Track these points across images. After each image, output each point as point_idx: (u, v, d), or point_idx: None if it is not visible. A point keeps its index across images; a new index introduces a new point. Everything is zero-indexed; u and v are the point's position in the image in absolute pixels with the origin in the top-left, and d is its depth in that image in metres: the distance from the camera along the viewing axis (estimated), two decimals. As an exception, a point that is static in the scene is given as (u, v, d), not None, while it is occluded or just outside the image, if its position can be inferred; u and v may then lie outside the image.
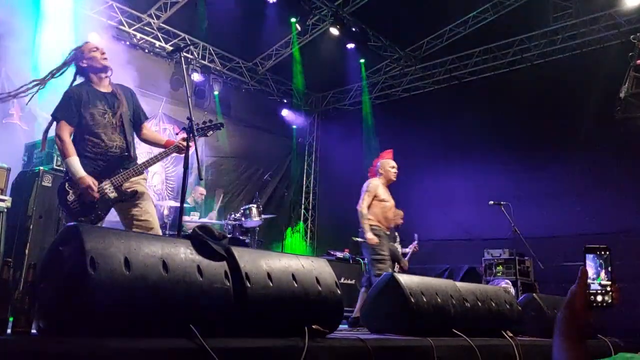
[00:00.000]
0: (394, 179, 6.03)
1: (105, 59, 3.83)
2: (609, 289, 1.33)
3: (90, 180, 3.49)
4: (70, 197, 3.55)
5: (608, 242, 1.41)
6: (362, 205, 5.78)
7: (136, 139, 4.00)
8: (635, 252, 7.07)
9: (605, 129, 7.73)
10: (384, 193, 5.90)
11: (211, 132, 4.08)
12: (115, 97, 3.83)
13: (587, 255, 1.36)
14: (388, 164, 6.05)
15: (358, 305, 5.61)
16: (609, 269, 1.35)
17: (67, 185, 3.58)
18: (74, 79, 3.83)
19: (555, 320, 1.34)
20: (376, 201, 5.84)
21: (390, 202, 5.95)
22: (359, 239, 5.92)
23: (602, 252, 1.36)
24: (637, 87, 4.68)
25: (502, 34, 9.87)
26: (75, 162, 3.52)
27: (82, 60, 3.79)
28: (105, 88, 3.83)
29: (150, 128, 4.08)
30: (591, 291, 1.32)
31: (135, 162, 3.80)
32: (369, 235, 5.59)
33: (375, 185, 5.91)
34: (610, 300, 1.33)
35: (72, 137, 3.64)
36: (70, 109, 3.62)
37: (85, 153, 3.62)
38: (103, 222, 3.65)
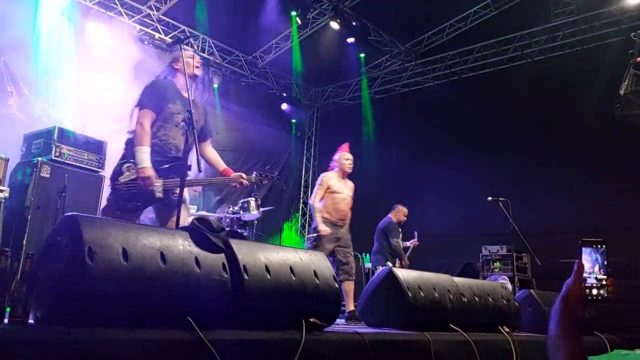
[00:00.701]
0: (349, 171, 6.15)
1: (198, 68, 4.08)
2: (604, 282, 1.32)
3: (151, 173, 3.58)
4: (123, 178, 3.66)
5: (607, 238, 1.40)
6: (314, 199, 5.98)
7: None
8: (634, 249, 7.08)
9: (605, 126, 7.73)
10: (337, 185, 6.02)
11: (266, 181, 4.35)
12: (193, 104, 3.95)
13: (583, 248, 1.35)
14: (343, 157, 6.18)
15: (347, 298, 5.68)
16: (605, 262, 1.34)
17: (124, 166, 3.69)
18: (165, 75, 4.07)
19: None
20: (328, 193, 5.97)
21: (344, 194, 6.04)
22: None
23: (599, 246, 1.35)
24: (637, 84, 4.66)
25: (502, 30, 9.85)
26: (145, 152, 3.63)
27: (177, 62, 4.01)
28: (186, 93, 3.97)
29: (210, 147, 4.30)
30: (587, 285, 1.32)
31: (189, 169, 3.89)
32: (322, 227, 5.74)
33: (328, 178, 6.07)
34: (605, 294, 1.32)
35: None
36: (155, 97, 3.76)
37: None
38: (139, 215, 3.78)
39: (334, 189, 6.00)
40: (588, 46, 9.14)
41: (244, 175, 4.05)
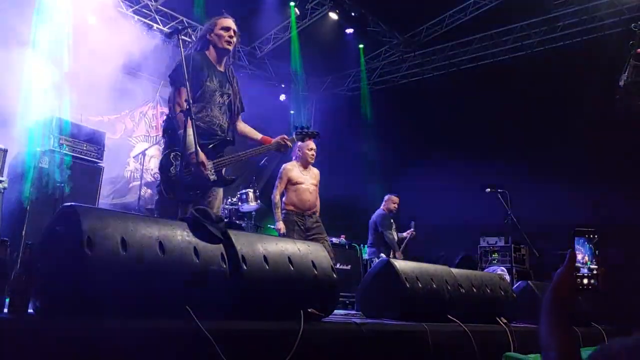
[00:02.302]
0: (311, 161, 6.08)
1: (229, 43, 3.80)
2: (595, 272, 1.34)
3: (203, 157, 3.44)
4: (174, 169, 3.50)
5: (605, 230, 1.41)
6: (274, 194, 5.91)
7: None
8: (633, 241, 7.09)
9: (605, 117, 7.72)
10: (298, 176, 5.93)
11: (307, 138, 4.18)
12: (226, 79, 3.84)
13: (575, 238, 1.36)
14: (306, 147, 6.06)
15: None
16: (597, 252, 1.35)
17: (172, 156, 3.52)
18: (198, 47, 3.84)
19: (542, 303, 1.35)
20: (290, 185, 5.87)
21: (306, 184, 5.91)
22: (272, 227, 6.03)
23: (591, 236, 1.36)
24: (637, 75, 4.66)
25: (502, 21, 9.82)
26: (191, 134, 3.38)
27: (210, 33, 3.81)
28: (220, 67, 3.84)
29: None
30: (579, 274, 1.33)
31: (232, 144, 3.81)
32: (278, 225, 5.74)
33: (287, 170, 5.97)
34: (596, 283, 1.33)
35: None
36: (191, 74, 3.48)
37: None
38: (197, 204, 3.55)
39: (296, 179, 5.91)
40: (588, 37, 9.12)
41: (286, 137, 3.95)
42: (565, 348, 1.24)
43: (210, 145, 3.61)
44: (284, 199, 5.91)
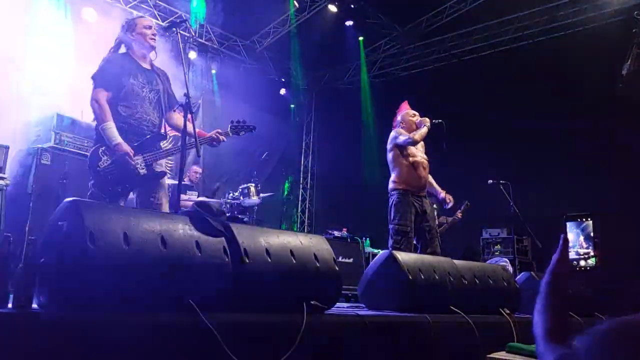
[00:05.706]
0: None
1: (153, 39, 3.90)
2: (591, 254, 1.38)
3: (128, 148, 3.49)
4: (102, 163, 3.54)
5: (607, 220, 1.43)
6: (408, 137, 4.91)
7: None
8: (635, 231, 7.08)
9: (606, 107, 7.70)
10: (411, 148, 5.14)
11: (243, 132, 4.13)
12: (154, 74, 3.91)
13: (567, 223, 1.40)
14: (408, 115, 5.41)
15: None
16: (592, 235, 1.39)
17: (100, 151, 3.56)
18: (118, 47, 3.90)
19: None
20: (401, 159, 5.02)
21: (420, 157, 5.14)
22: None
23: (583, 220, 1.40)
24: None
25: (503, 11, 9.77)
26: (112, 127, 3.51)
27: (132, 33, 3.86)
28: (145, 64, 3.90)
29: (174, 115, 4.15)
30: (573, 257, 1.37)
31: (164, 140, 3.85)
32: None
33: (400, 134, 5.06)
34: (594, 264, 1.38)
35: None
36: (109, 75, 3.60)
37: (118, 123, 3.60)
38: (127, 198, 3.67)
39: (408, 151, 5.06)
40: (589, 26, 9.06)
41: (220, 131, 3.98)
42: (555, 322, 1.26)
43: (136, 143, 3.65)
44: (392, 177, 5.10)
